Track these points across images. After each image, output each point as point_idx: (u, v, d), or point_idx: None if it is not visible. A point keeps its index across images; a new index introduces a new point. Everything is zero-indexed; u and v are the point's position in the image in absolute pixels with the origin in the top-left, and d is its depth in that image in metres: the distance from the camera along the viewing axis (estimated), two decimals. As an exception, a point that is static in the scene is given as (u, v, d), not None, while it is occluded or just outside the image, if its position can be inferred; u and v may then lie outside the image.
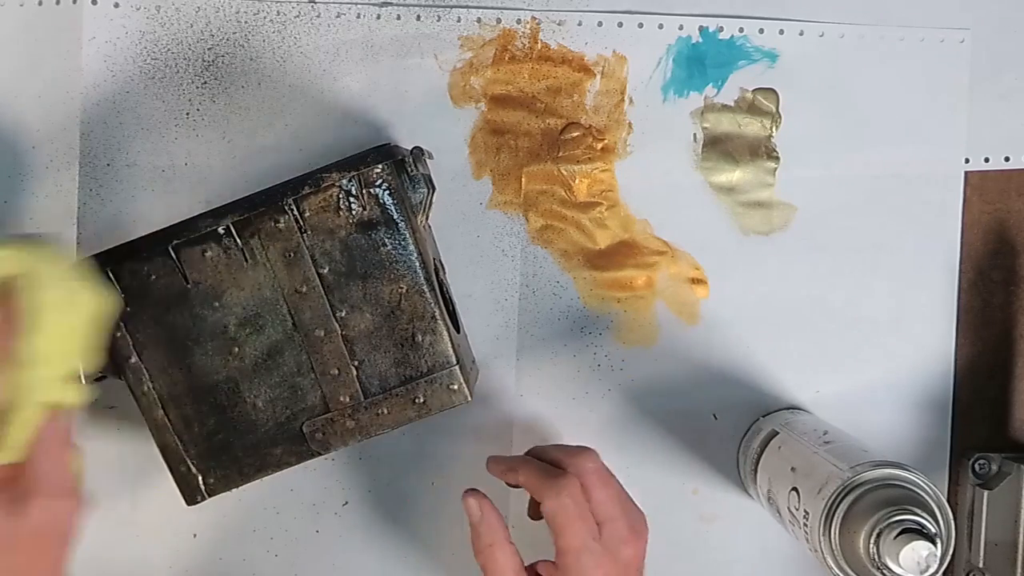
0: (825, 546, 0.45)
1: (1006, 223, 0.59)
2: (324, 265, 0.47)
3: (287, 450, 0.48)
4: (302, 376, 0.48)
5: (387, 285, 0.47)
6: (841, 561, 0.45)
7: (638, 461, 0.57)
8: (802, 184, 0.58)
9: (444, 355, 0.48)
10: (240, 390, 0.48)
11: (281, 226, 0.46)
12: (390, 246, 0.47)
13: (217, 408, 0.48)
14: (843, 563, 0.45)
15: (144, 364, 0.47)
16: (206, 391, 0.48)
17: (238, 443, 0.48)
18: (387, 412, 0.48)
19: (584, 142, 0.56)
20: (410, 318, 0.47)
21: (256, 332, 0.47)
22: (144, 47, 0.54)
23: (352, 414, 0.48)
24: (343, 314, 0.47)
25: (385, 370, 0.48)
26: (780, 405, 0.58)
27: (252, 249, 0.47)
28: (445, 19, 0.55)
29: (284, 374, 0.48)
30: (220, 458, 0.48)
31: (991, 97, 0.58)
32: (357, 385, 0.48)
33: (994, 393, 0.59)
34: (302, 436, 0.48)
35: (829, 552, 0.45)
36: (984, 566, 0.56)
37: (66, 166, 0.54)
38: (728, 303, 0.58)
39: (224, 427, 0.48)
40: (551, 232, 0.57)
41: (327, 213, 0.46)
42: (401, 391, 0.48)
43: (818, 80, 0.57)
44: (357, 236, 0.47)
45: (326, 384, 0.48)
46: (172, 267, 0.47)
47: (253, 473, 0.49)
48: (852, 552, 0.45)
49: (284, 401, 0.48)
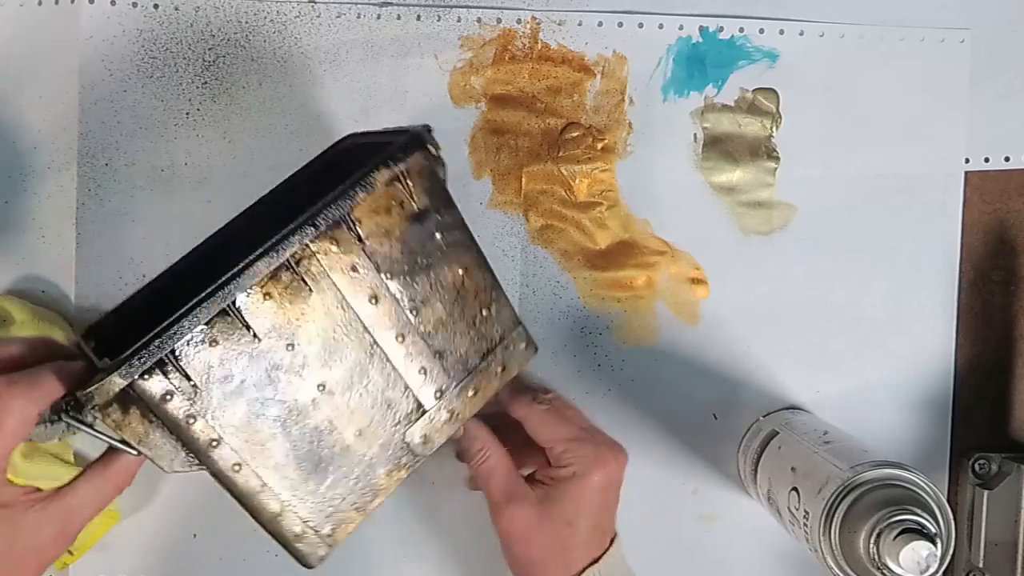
0: (825, 546, 0.45)
1: (1006, 223, 0.59)
2: (388, 269, 0.44)
3: (396, 465, 0.45)
4: (392, 388, 0.45)
5: (450, 269, 0.45)
6: (841, 561, 0.45)
7: (638, 461, 0.57)
8: (802, 184, 0.58)
9: (510, 318, 0.47)
10: (336, 427, 0.43)
11: (339, 243, 0.42)
12: (444, 230, 0.45)
13: (319, 457, 0.43)
14: (843, 563, 0.45)
15: (231, 447, 0.41)
16: (305, 444, 0.43)
17: (348, 480, 0.44)
18: (474, 392, 0.47)
19: (584, 142, 0.56)
20: (475, 294, 0.46)
21: (338, 360, 0.43)
22: (143, 46, 0.54)
23: (446, 405, 0.46)
24: (416, 312, 0.44)
25: (465, 352, 0.46)
26: (780, 405, 0.58)
27: (313, 275, 0.41)
28: (445, 19, 0.55)
29: (375, 392, 0.44)
30: (333, 502, 0.44)
31: (991, 97, 0.58)
32: (444, 376, 0.46)
33: (994, 393, 0.59)
34: (406, 446, 0.45)
35: (829, 552, 0.45)
36: (984, 566, 0.56)
37: (66, 166, 0.54)
38: (728, 303, 0.58)
39: (330, 471, 0.44)
40: (551, 232, 0.57)
41: (379, 216, 0.43)
42: (483, 366, 0.47)
43: (818, 80, 0.57)
44: (413, 229, 0.44)
45: (416, 387, 0.45)
46: (234, 323, 0.40)
47: (368, 504, 0.45)
48: (852, 552, 0.45)
49: (381, 419, 0.44)
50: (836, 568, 0.45)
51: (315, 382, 0.42)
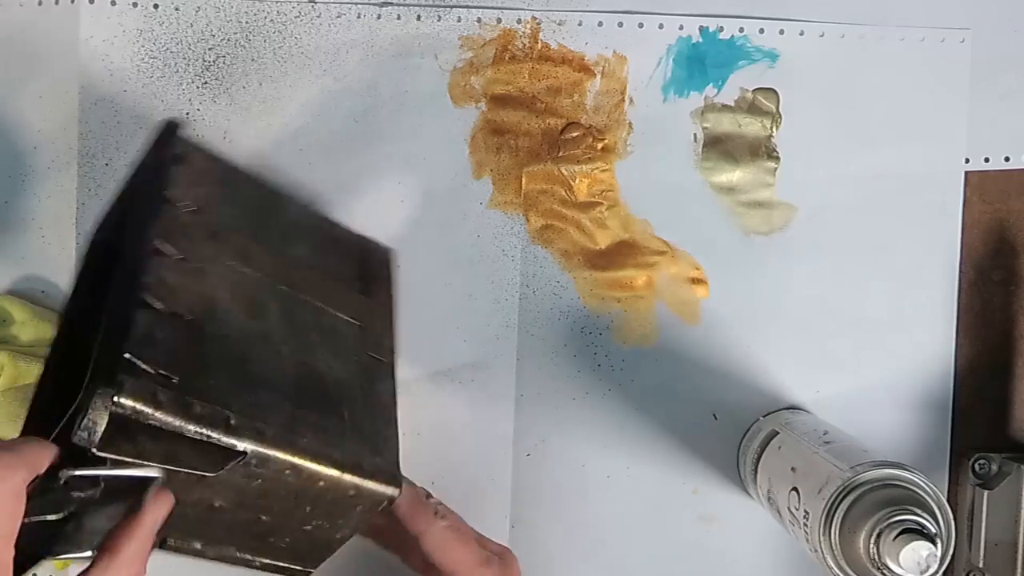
0: (825, 546, 0.45)
1: (1006, 223, 0.59)
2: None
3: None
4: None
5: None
6: (841, 561, 0.45)
7: (638, 461, 0.57)
8: (802, 184, 0.58)
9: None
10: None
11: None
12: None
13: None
14: (843, 563, 0.45)
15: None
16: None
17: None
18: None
19: (584, 142, 0.56)
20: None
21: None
22: (143, 46, 0.54)
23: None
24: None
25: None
26: (780, 405, 0.58)
27: None
28: (445, 19, 0.55)
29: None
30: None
31: (991, 97, 0.58)
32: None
33: (994, 393, 0.59)
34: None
35: (829, 552, 0.45)
36: (984, 566, 0.56)
37: (66, 166, 0.54)
38: (728, 303, 0.58)
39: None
40: (551, 232, 0.57)
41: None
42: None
43: (818, 80, 0.57)
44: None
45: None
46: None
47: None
48: (852, 552, 0.45)
49: None
50: (836, 568, 0.45)
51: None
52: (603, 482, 0.57)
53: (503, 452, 0.57)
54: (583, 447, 0.57)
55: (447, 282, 0.56)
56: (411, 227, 0.55)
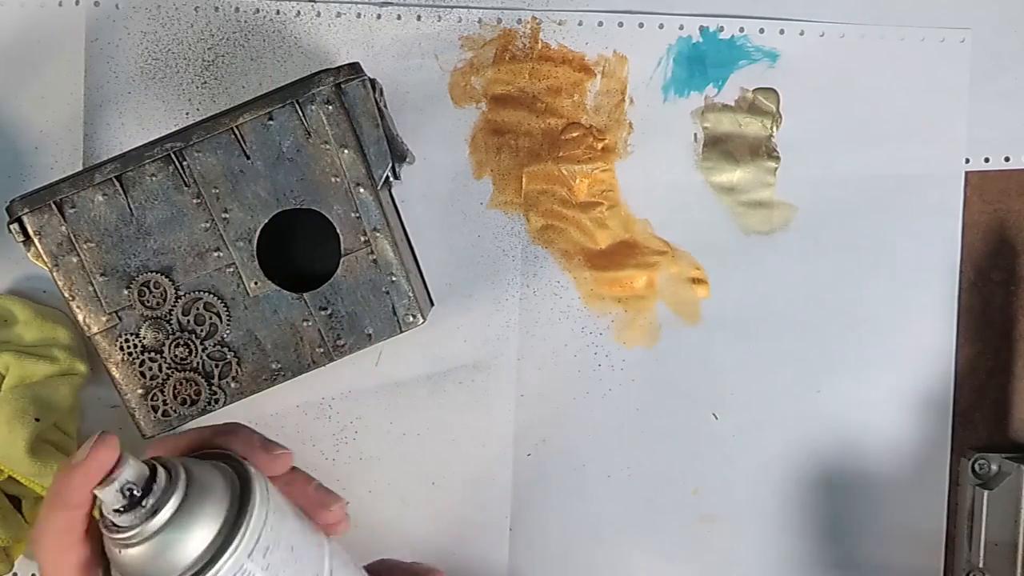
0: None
1: (1006, 223, 0.59)
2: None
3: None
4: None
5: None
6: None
7: (638, 461, 0.57)
8: (802, 184, 0.58)
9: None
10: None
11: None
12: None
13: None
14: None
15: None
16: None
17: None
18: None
19: (584, 142, 0.56)
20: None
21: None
22: (145, 47, 0.54)
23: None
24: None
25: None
26: (780, 405, 0.58)
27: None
28: (446, 19, 0.55)
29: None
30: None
31: (991, 97, 0.58)
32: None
33: (994, 393, 0.59)
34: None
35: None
36: (984, 566, 0.56)
37: (70, 167, 0.54)
38: (729, 303, 0.58)
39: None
40: (551, 232, 0.57)
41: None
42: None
43: (818, 80, 0.57)
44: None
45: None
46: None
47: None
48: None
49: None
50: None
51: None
52: (603, 482, 0.57)
53: (503, 452, 0.57)
54: (583, 447, 0.57)
55: (447, 282, 0.56)
56: (411, 227, 0.55)
